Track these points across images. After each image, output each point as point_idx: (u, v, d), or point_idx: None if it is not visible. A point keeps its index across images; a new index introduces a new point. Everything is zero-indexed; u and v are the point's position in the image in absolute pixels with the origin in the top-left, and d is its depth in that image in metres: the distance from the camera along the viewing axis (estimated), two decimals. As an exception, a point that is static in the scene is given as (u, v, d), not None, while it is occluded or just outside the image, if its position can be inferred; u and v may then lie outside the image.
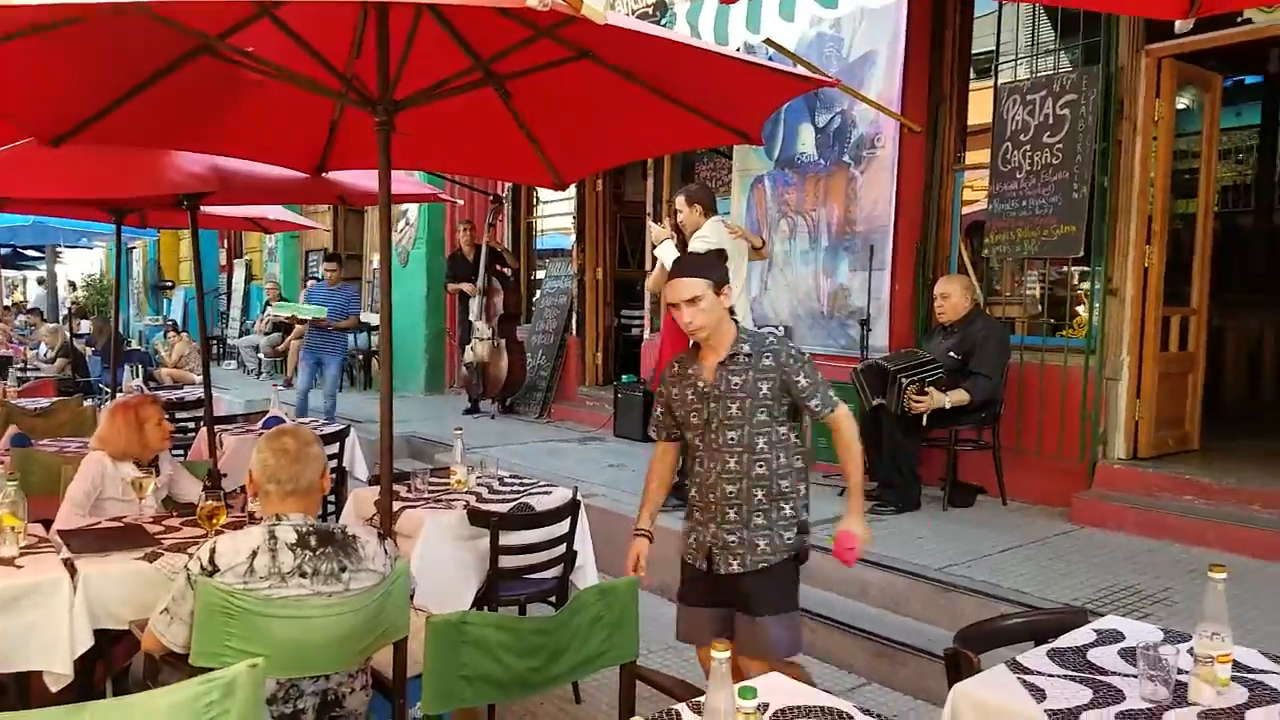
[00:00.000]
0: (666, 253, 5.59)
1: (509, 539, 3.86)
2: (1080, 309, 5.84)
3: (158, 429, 4.23)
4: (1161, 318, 5.60)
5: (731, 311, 3.94)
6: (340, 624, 2.59)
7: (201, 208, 5.61)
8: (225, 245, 18.48)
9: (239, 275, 17.46)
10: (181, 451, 5.93)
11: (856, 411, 5.80)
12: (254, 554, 2.52)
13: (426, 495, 4.27)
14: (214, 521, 3.52)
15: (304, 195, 5.80)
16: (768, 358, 3.00)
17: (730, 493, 3.08)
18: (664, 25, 5.75)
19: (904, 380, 5.42)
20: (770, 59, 6.11)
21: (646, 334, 8.93)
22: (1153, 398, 5.58)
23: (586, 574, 4.33)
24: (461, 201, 10.08)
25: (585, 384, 9.70)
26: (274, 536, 2.55)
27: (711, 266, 3.12)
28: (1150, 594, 4.25)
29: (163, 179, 4.80)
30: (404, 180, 6.04)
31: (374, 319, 12.78)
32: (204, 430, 5.67)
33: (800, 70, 3.34)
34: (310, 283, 11.91)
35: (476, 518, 3.89)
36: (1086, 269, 5.69)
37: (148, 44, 3.61)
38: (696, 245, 5.57)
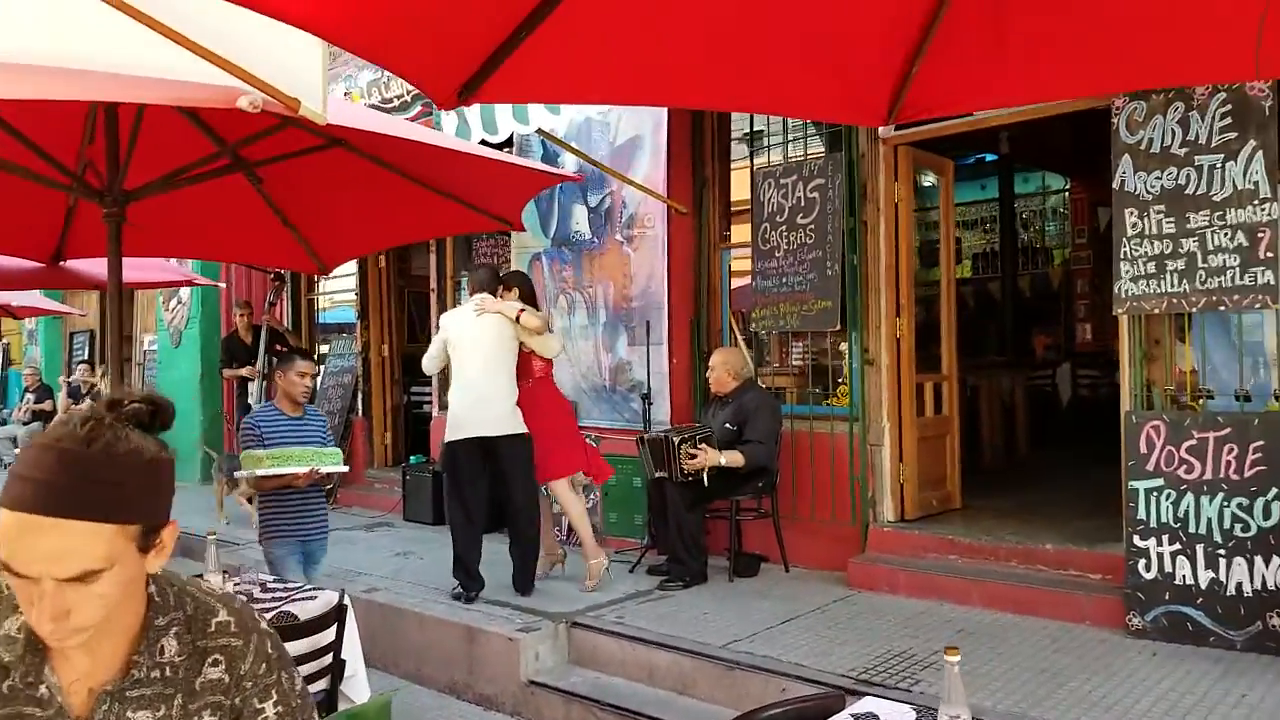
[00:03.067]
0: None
1: (269, 650, 3.62)
2: (840, 378, 6.15)
3: None
4: (916, 384, 5.93)
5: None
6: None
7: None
8: (-20, 327, 16.95)
9: (-6, 360, 16.05)
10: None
11: (642, 483, 5.95)
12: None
13: (178, 607, 3.96)
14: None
15: (40, 283, 5.38)
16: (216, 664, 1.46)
17: None
18: (431, 112, 5.78)
19: (675, 439, 5.52)
20: (543, 145, 6.26)
21: (435, 412, 8.75)
22: (914, 461, 5.86)
23: (358, 684, 4.10)
24: (223, 285, 9.70)
25: (374, 466, 9.37)
26: None
27: (131, 474, 1.33)
28: (922, 659, 4.37)
29: None
30: (158, 265, 5.71)
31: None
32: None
33: (570, 158, 3.38)
34: (254, 404, 8.85)
35: (230, 631, 3.62)
36: (844, 339, 6.00)
37: None
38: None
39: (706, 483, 5.56)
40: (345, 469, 4.87)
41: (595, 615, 5.19)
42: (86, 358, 13.35)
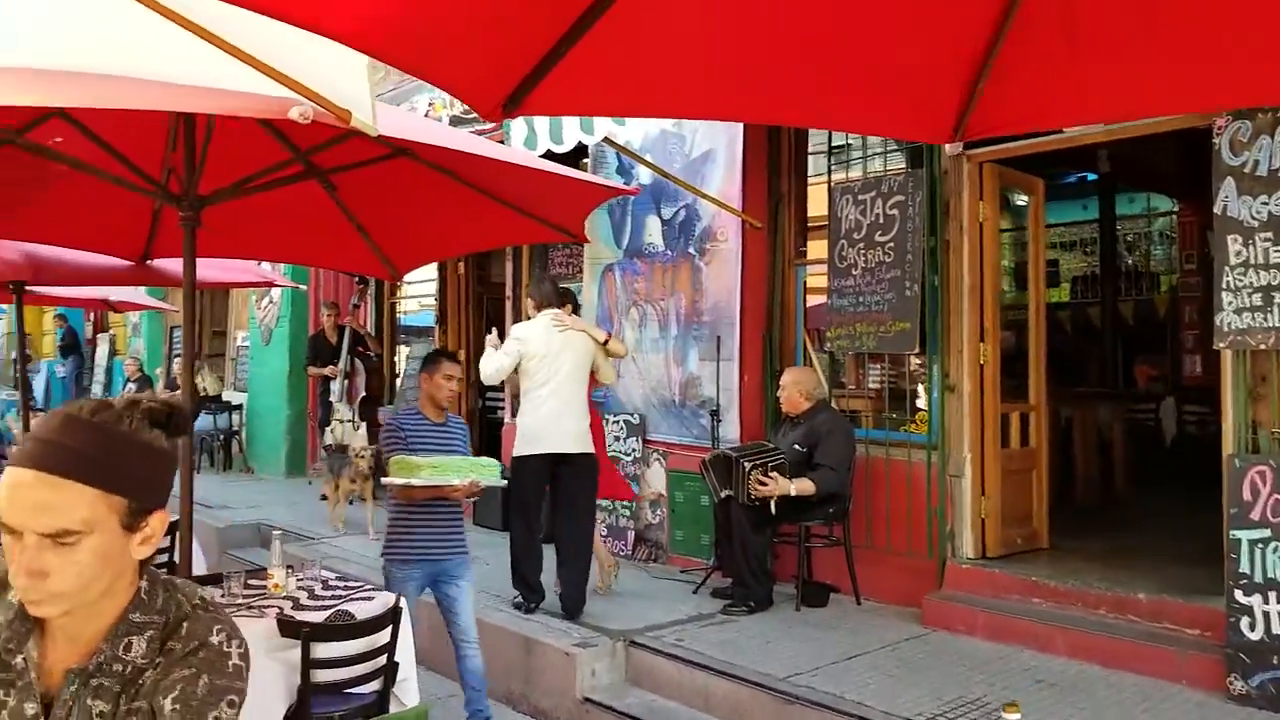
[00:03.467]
0: (482, 361, 5.63)
1: (325, 650, 3.64)
2: (921, 403, 5.95)
3: None
4: (1001, 414, 5.67)
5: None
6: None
7: (31, 288, 5.44)
8: (91, 319, 17.80)
9: (103, 349, 16.79)
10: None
11: (710, 502, 5.83)
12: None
13: (240, 600, 4.02)
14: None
15: (132, 281, 5.61)
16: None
17: None
18: (502, 123, 5.80)
19: (746, 464, 5.40)
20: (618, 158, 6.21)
21: (507, 418, 8.80)
22: (997, 495, 5.58)
23: (410, 687, 4.11)
24: (304, 287, 9.96)
25: (450, 469, 9.46)
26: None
27: (123, 450, 1.39)
28: (994, 708, 4.10)
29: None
30: (239, 266, 5.89)
31: (237, 398, 12.34)
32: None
33: (627, 178, 3.34)
34: (391, 406, 9.42)
35: (286, 628, 3.66)
36: (925, 365, 5.81)
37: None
38: (506, 344, 5.55)
39: (774, 511, 5.43)
40: (504, 483, 4.57)
41: (655, 635, 5.12)
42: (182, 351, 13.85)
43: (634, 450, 6.98)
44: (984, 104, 2.19)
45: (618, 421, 7.10)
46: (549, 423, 5.40)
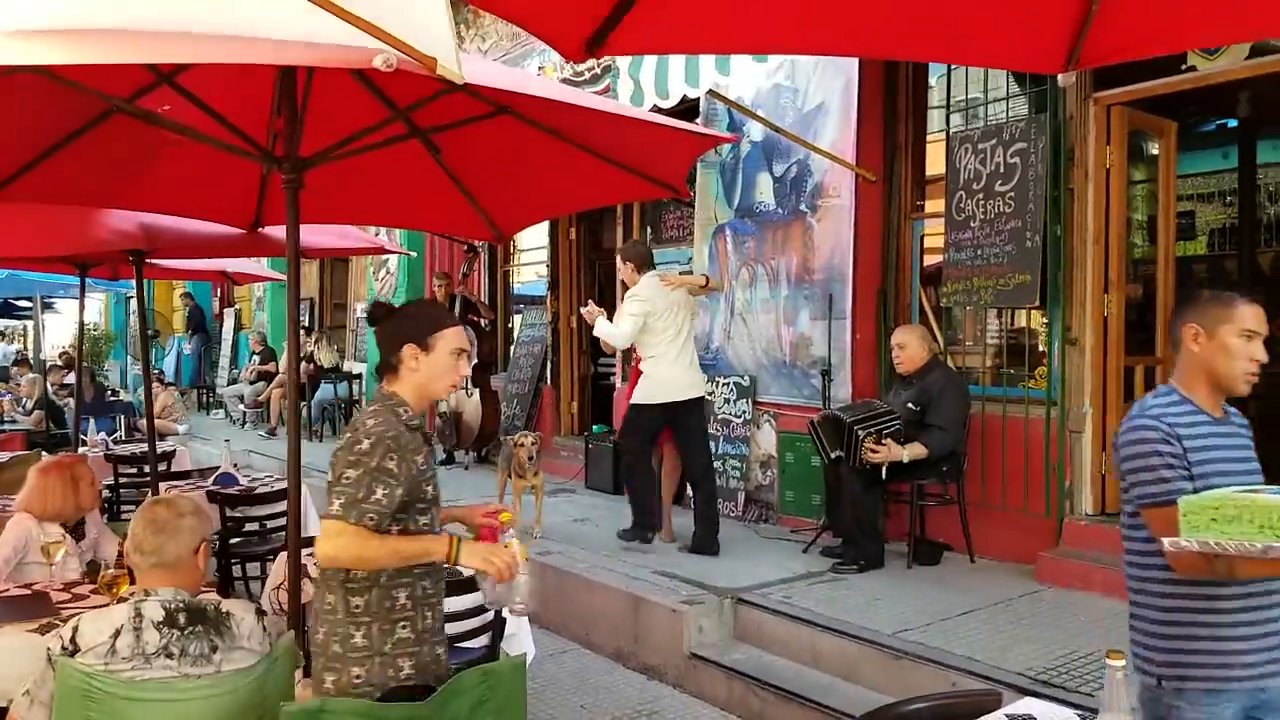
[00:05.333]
0: (603, 329, 6.01)
1: (434, 607, 3.75)
2: (1038, 358, 5.73)
3: (90, 489, 4.18)
4: (1125, 367, 5.46)
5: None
6: (212, 708, 2.49)
7: (151, 261, 5.61)
8: (218, 293, 18.57)
9: (229, 324, 17.51)
10: (132, 507, 5.83)
11: (821, 462, 5.77)
12: (117, 633, 2.43)
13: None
14: (114, 590, 3.42)
15: (244, 250, 5.77)
16: None
17: None
18: (610, 76, 5.79)
19: (860, 432, 5.31)
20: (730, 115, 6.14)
21: (619, 383, 8.85)
22: (1119, 451, 5.42)
23: (521, 641, 4.20)
24: (413, 254, 10.17)
25: (560, 434, 9.60)
26: (140, 614, 2.46)
27: None
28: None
29: (94, 237, 4.80)
30: (345, 232, 6.02)
31: (358, 367, 12.75)
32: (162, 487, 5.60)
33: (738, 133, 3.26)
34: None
35: (398, 585, 3.77)
36: (1044, 316, 5.59)
37: (57, 106, 3.60)
38: (629, 305, 5.82)
39: (885, 476, 5.35)
40: None
41: (762, 593, 5.12)
42: (306, 324, 14.35)
43: (744, 412, 6.93)
44: (1097, 28, 2.05)
45: (727, 383, 7.06)
46: (681, 373, 5.88)
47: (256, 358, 14.13)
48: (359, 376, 12.38)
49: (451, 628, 3.81)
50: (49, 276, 9.86)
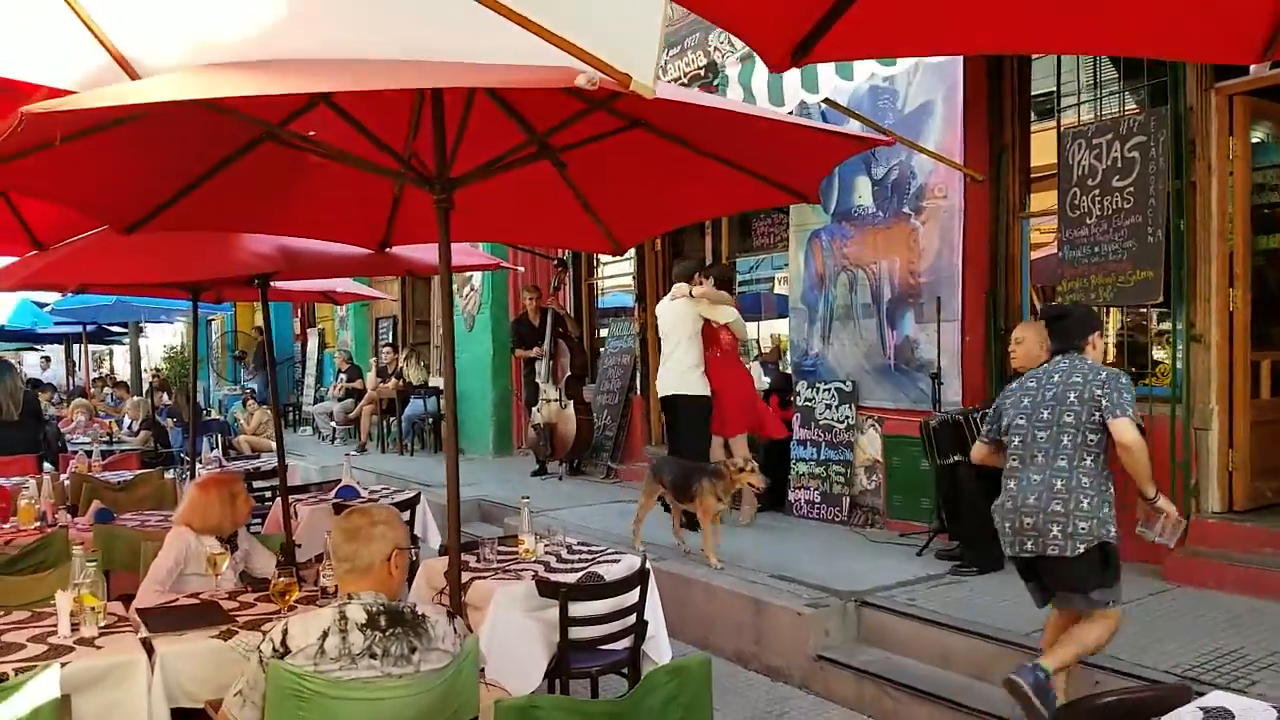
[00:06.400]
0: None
1: (578, 610, 3.83)
2: (1161, 355, 5.65)
3: (245, 504, 4.36)
4: (1252, 363, 5.40)
5: None
6: (410, 705, 2.58)
7: (273, 284, 5.78)
8: (299, 315, 19.00)
9: (312, 343, 17.91)
10: (258, 521, 6.02)
11: (932, 469, 5.75)
12: (324, 635, 2.53)
13: (495, 565, 4.27)
14: (286, 598, 3.56)
15: (371, 269, 5.92)
16: None
17: None
18: (716, 87, 5.83)
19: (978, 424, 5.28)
20: (824, 117, 6.15)
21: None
22: (1247, 447, 5.36)
23: (659, 644, 4.26)
24: (523, 269, 10.26)
25: (651, 443, 9.65)
26: (344, 617, 2.56)
27: None
28: (1255, 659, 4.04)
29: (233, 261, 4.96)
30: (464, 250, 6.14)
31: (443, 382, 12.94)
32: (279, 501, 5.77)
33: (855, 128, 3.30)
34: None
35: (545, 589, 3.86)
36: (1166, 313, 5.50)
37: (212, 133, 3.75)
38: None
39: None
40: None
41: (885, 596, 5.13)
42: (390, 340, 14.64)
43: (846, 418, 6.93)
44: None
45: (828, 389, 7.07)
46: (663, 374, 7.04)
47: (344, 375, 14.43)
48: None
49: (597, 630, 3.90)
50: (154, 302, 10.21)
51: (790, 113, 6.53)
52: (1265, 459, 5.47)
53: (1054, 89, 6.09)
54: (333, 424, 14.48)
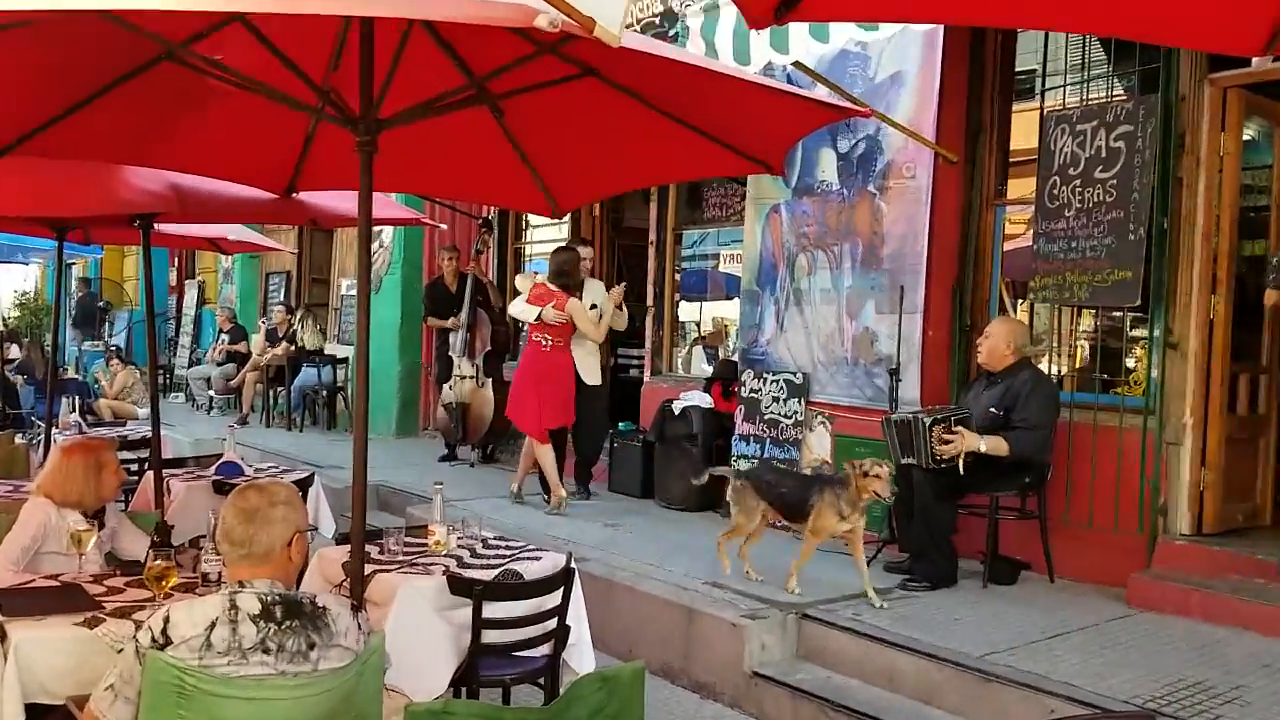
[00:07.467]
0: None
1: (493, 611, 3.85)
2: (1134, 363, 5.85)
3: (114, 476, 4.28)
4: (1229, 375, 5.59)
5: None
6: (306, 708, 2.58)
7: (155, 226, 5.66)
8: (176, 265, 18.53)
9: (190, 298, 17.50)
10: (123, 498, 5.90)
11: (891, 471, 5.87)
12: (212, 626, 2.50)
13: (401, 558, 4.26)
14: (163, 584, 3.50)
15: (271, 216, 5.84)
16: None
17: None
18: (675, 39, 5.85)
19: (926, 419, 5.43)
20: (789, 80, 6.24)
21: (647, 376, 8.94)
22: (1219, 465, 5.54)
23: (582, 653, 4.30)
24: (445, 226, 10.11)
25: (578, 431, 9.67)
26: (235, 606, 2.54)
27: None
28: (1220, 692, 4.18)
29: (112, 197, 4.85)
30: (381, 201, 6.08)
31: (342, 351, 12.78)
32: (150, 475, 5.67)
33: (831, 98, 3.36)
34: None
35: (458, 586, 3.87)
36: (1142, 317, 5.70)
37: (101, 50, 3.63)
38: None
39: (963, 471, 5.45)
40: None
41: (828, 609, 5.23)
42: (282, 300, 14.38)
43: (794, 413, 7.04)
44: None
45: (776, 380, 7.16)
46: None
47: (225, 337, 14.15)
48: (344, 360, 12.41)
49: (513, 635, 3.93)
50: (10, 238, 9.89)
51: (757, 74, 6.63)
52: (1238, 479, 5.69)
53: (1038, 68, 6.24)
54: (210, 392, 14.22)
